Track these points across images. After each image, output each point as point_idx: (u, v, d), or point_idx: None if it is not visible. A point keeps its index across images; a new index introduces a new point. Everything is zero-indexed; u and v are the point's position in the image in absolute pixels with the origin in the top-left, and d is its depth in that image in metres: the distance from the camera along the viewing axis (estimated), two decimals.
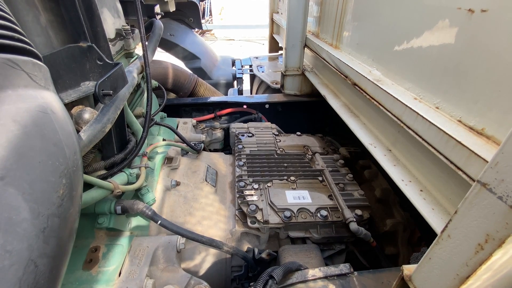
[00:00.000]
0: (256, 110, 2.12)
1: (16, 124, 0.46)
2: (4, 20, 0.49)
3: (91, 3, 0.90)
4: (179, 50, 2.66)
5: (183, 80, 2.23)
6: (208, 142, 2.00)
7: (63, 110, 0.59)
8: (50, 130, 0.51)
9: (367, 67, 1.19)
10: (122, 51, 1.34)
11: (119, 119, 1.14)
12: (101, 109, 0.88)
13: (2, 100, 0.45)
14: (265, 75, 2.67)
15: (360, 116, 1.32)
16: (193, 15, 3.13)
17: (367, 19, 1.21)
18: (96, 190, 0.90)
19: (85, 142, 0.82)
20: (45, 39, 0.84)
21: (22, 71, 0.49)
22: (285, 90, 2.11)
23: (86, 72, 0.91)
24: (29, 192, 0.44)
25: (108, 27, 1.21)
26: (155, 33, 1.49)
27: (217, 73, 2.89)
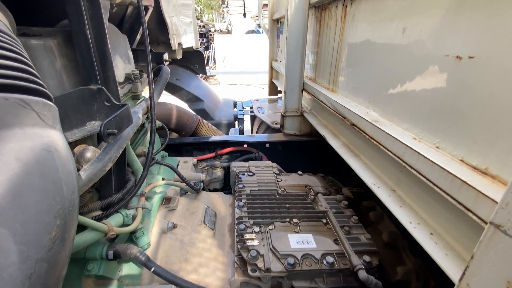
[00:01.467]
0: (257, 149, 2.14)
1: (18, 162, 0.45)
2: (21, 64, 0.53)
3: (105, 50, 0.98)
4: (184, 93, 2.80)
5: (186, 120, 2.30)
6: (208, 181, 1.97)
7: (66, 148, 0.59)
8: (51, 168, 0.51)
9: (364, 109, 1.23)
10: (130, 93, 1.40)
11: (120, 158, 1.14)
12: (104, 148, 0.89)
13: (8, 138, 0.45)
14: (265, 116, 2.76)
15: (361, 156, 1.32)
16: (198, 62, 3.37)
17: (360, 65, 1.30)
18: (89, 232, 0.86)
19: (84, 181, 0.81)
20: (58, 82, 0.89)
21: (32, 111, 0.51)
22: (285, 130, 2.16)
23: (93, 113, 0.94)
24: (21, 234, 0.42)
25: (119, 72, 1.29)
26: (162, 78, 1.58)
27: (219, 114, 3.00)
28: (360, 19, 1.30)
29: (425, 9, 0.83)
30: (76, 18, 0.82)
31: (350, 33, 1.40)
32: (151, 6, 1.50)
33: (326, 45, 1.73)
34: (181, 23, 2.33)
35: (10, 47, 0.52)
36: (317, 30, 1.88)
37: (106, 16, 1.00)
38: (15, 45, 0.54)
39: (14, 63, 0.50)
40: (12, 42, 0.53)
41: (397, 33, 0.98)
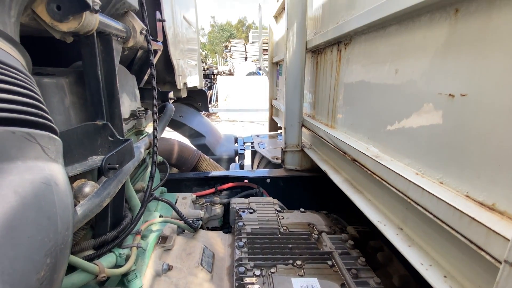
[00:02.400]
0: (258, 184, 2.10)
1: (16, 195, 0.45)
2: (32, 99, 0.55)
3: (113, 89, 1.03)
4: (186, 129, 2.87)
5: (187, 155, 2.31)
6: (207, 219, 1.90)
7: (66, 182, 0.58)
8: (48, 202, 0.50)
9: (364, 144, 1.25)
10: (134, 129, 1.43)
11: (119, 193, 1.12)
12: (103, 182, 0.88)
13: (10, 171, 0.45)
14: (265, 151, 2.78)
15: (364, 192, 1.30)
16: (201, 100, 3.51)
17: (357, 103, 1.35)
18: (78, 274, 0.80)
19: (79, 217, 0.78)
20: (65, 117, 0.92)
21: (37, 144, 0.52)
22: (286, 165, 2.16)
23: (96, 147, 0.95)
24: (8, 272, 0.39)
25: (125, 108, 1.34)
26: (166, 115, 1.63)
27: (220, 149, 3.03)
28: (354, 62, 1.39)
29: (414, 53, 0.89)
30: (89, 60, 0.88)
31: (346, 74, 1.48)
32: (160, 50, 1.62)
33: (323, 85, 1.82)
34: (187, 65, 2.49)
35: (23, 84, 0.54)
36: (314, 71, 1.99)
37: (117, 58, 1.08)
38: (28, 82, 0.57)
39: (25, 99, 0.53)
40: (25, 79, 0.56)
41: (390, 73, 1.04)
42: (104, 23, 0.91)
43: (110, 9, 1.05)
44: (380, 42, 1.11)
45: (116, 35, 1.03)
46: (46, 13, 0.72)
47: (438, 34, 0.76)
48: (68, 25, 0.74)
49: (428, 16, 0.80)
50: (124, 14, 1.13)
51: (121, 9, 1.10)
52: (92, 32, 0.84)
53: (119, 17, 1.12)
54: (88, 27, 0.79)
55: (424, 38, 0.83)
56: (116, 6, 1.06)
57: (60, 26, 0.74)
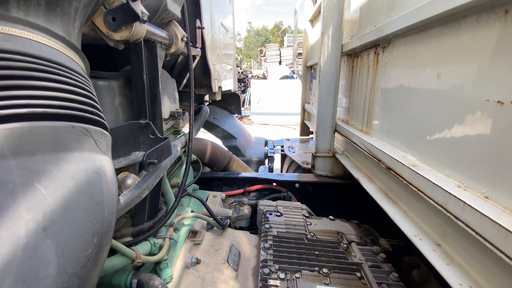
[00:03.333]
0: (286, 188, 2.10)
1: (73, 181, 0.52)
2: (89, 99, 0.63)
3: (156, 92, 1.12)
4: (219, 131, 2.98)
5: (219, 156, 2.40)
6: (235, 218, 1.95)
7: (113, 173, 0.66)
8: (97, 190, 0.57)
9: (400, 152, 1.18)
10: (172, 128, 1.54)
11: (156, 187, 1.21)
12: (143, 176, 0.97)
13: (69, 160, 0.53)
14: (295, 155, 2.75)
15: (399, 203, 1.22)
16: (234, 103, 3.62)
17: (395, 109, 1.28)
18: (118, 257, 0.89)
19: (122, 206, 0.87)
20: (114, 116, 1.03)
21: (91, 138, 0.60)
22: (316, 170, 2.12)
23: (139, 144, 1.04)
24: (63, 247, 0.46)
25: (165, 109, 1.45)
26: (201, 116, 1.72)
27: (250, 152, 3.08)
28: (392, 65, 1.32)
29: (459, 56, 0.83)
30: (136, 65, 0.98)
31: (383, 78, 1.42)
32: (198, 55, 1.72)
33: (358, 89, 1.76)
34: (222, 69, 2.59)
35: (83, 86, 0.63)
36: (349, 75, 1.94)
37: (160, 63, 1.18)
38: (87, 84, 0.66)
39: (84, 99, 0.61)
40: (85, 82, 0.65)
41: (431, 78, 0.97)
42: (150, 32, 1.01)
43: (156, 19, 1.15)
44: (422, 44, 1.05)
45: (160, 42, 1.13)
46: (103, 24, 0.82)
47: (486, 36, 0.70)
48: (120, 34, 0.84)
49: (475, 17, 0.74)
50: (168, 23, 1.24)
51: (165, 19, 1.20)
52: (140, 40, 0.93)
53: (163, 25, 1.23)
54: (137, 36, 0.89)
55: (471, 40, 0.77)
56: (162, 16, 1.16)
57: (114, 35, 0.84)
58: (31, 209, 0.45)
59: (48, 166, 0.50)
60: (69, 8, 0.68)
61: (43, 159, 0.50)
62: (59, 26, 0.67)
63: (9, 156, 0.46)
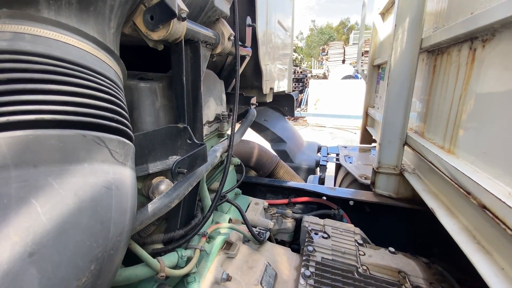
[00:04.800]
0: (337, 205, 1.85)
1: (76, 197, 0.47)
2: (108, 103, 0.58)
3: (198, 94, 1.06)
4: (268, 133, 2.87)
5: (266, 160, 2.29)
6: (276, 230, 1.80)
7: (131, 186, 0.60)
8: (104, 207, 0.51)
9: (504, 187, 0.84)
10: (216, 131, 1.49)
11: (192, 193, 1.16)
12: (174, 184, 0.91)
13: (75, 173, 0.48)
14: (352, 167, 2.44)
15: (494, 254, 0.88)
16: (288, 105, 3.45)
17: (498, 125, 0.94)
18: (142, 267, 0.85)
19: (149, 215, 0.82)
20: (154, 118, 1.00)
21: (106, 148, 0.54)
22: (377, 188, 1.80)
23: (176, 148, 0.99)
24: (49, 277, 0.40)
25: (210, 112, 1.40)
26: (247, 120, 1.63)
27: (300, 158, 2.88)
28: (496, 64, 0.97)
29: None
30: (176, 66, 0.93)
31: (481, 82, 1.06)
32: (249, 55, 1.63)
33: (441, 94, 1.40)
34: (276, 70, 2.46)
35: (106, 90, 0.58)
36: (430, 76, 1.56)
37: (204, 64, 1.11)
38: (113, 88, 0.61)
39: (102, 104, 0.56)
40: (110, 85, 0.61)
41: None
42: (193, 31, 0.94)
43: (203, 17, 1.09)
44: None
45: (205, 42, 1.06)
46: (142, 23, 0.78)
47: None
48: (158, 33, 0.79)
49: None
50: (215, 21, 1.17)
51: (212, 17, 1.13)
52: (180, 39, 0.87)
53: (210, 24, 1.16)
54: (176, 35, 0.82)
55: None
56: (208, 14, 1.10)
57: (152, 35, 0.79)
58: (20, 230, 0.40)
59: (50, 180, 0.45)
60: (103, 7, 0.64)
61: (46, 171, 0.45)
62: (93, 26, 0.64)
63: (10, 167, 0.42)
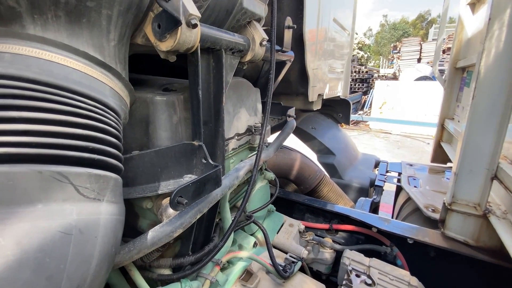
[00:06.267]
0: (391, 242, 1.51)
1: (17, 247, 0.39)
2: (89, 130, 0.50)
3: (219, 108, 0.95)
4: (315, 143, 2.60)
5: (307, 174, 2.06)
6: (311, 259, 1.58)
7: (103, 225, 0.51)
8: (55, 258, 0.43)
9: None
10: (247, 144, 1.36)
11: (209, 215, 1.07)
12: (180, 212, 0.82)
13: (23, 216, 0.41)
14: (417, 193, 1.99)
15: None
16: (342, 111, 3.10)
17: None
18: None
19: (147, 244, 0.75)
20: (171, 133, 0.93)
21: (70, 184, 0.46)
22: (447, 230, 1.40)
23: (191, 167, 0.90)
24: None
25: (241, 123, 1.29)
26: (284, 132, 1.46)
27: (351, 174, 2.52)
28: None
29: None
30: (192, 79, 0.83)
31: None
32: (290, 61, 1.44)
33: None
34: (328, 73, 2.20)
35: (78, 111, 0.50)
36: None
37: (230, 74, 0.99)
38: (92, 109, 0.54)
39: (69, 130, 0.48)
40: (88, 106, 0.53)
41: None
42: (213, 37, 0.83)
43: (231, 21, 0.97)
44: None
45: (230, 49, 0.94)
46: (151, 33, 0.70)
47: None
48: (166, 44, 0.70)
49: None
50: (246, 24, 1.03)
51: (243, 20, 1.00)
52: (194, 49, 0.77)
53: (240, 28, 1.04)
54: (187, 44, 0.72)
55: None
56: (237, 17, 0.97)
57: (160, 45, 0.71)
58: None
59: None
60: (98, 18, 0.58)
61: None
62: (87, 40, 0.58)
63: None
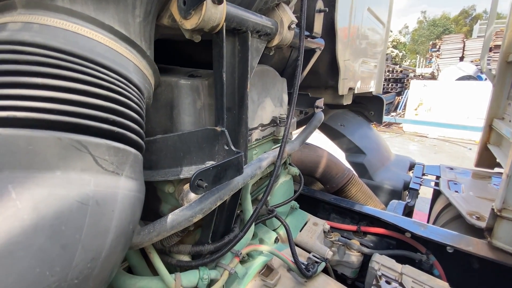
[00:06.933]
0: (427, 249, 1.37)
1: (34, 212, 0.39)
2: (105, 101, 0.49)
3: (244, 94, 0.92)
4: (344, 141, 2.47)
5: (335, 173, 1.95)
6: (335, 262, 1.49)
7: (120, 201, 0.50)
8: (71, 227, 0.42)
9: None
10: (271, 136, 1.32)
11: (230, 206, 1.04)
12: (200, 196, 0.79)
13: (42, 182, 0.40)
14: (459, 198, 1.79)
15: None
16: (375, 109, 2.91)
17: None
18: (157, 282, 0.77)
19: (167, 227, 0.74)
20: (194, 119, 0.91)
21: (88, 154, 0.45)
22: (495, 239, 1.22)
23: (214, 153, 0.88)
24: None
25: (265, 114, 1.24)
26: (311, 125, 1.39)
27: (382, 175, 2.35)
28: None
29: None
30: (217, 61, 0.80)
31: None
32: (320, 49, 1.37)
33: None
34: (361, 67, 2.07)
35: (101, 83, 0.50)
36: None
37: (256, 59, 0.95)
38: (115, 82, 0.53)
39: (91, 100, 0.47)
40: (111, 79, 0.52)
41: None
42: (238, 17, 0.79)
43: (258, 3, 0.93)
44: None
45: (257, 31, 0.90)
46: (177, 11, 0.69)
47: None
48: (190, 21, 0.68)
49: None
50: (275, 7, 0.99)
51: (271, 2, 0.96)
52: (220, 28, 0.74)
53: (268, 11, 0.99)
54: (212, 22, 0.69)
55: None
56: None
57: (185, 23, 0.69)
58: None
59: (10, 188, 0.39)
60: None
61: (8, 177, 0.39)
62: (113, 15, 0.57)
63: None
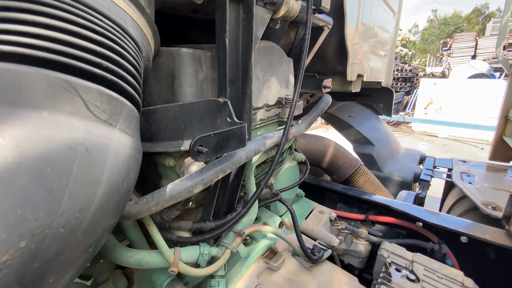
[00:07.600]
0: (439, 239, 1.30)
1: (17, 150, 0.36)
2: (100, 46, 0.46)
3: (248, 65, 0.88)
4: (352, 132, 2.40)
5: (342, 163, 1.90)
6: (342, 250, 1.43)
7: (113, 153, 0.47)
8: (57, 170, 0.39)
9: None
10: (276, 118, 1.27)
11: (233, 185, 1.00)
12: (204, 167, 0.76)
13: (27, 120, 0.38)
14: (473, 189, 1.72)
15: None
16: (384, 101, 2.83)
17: None
18: (156, 255, 0.74)
19: (166, 197, 0.70)
20: (196, 90, 0.88)
21: (78, 97, 0.42)
22: None
23: (216, 126, 0.85)
24: None
25: (271, 94, 1.20)
26: (318, 107, 1.34)
27: (391, 167, 2.27)
28: None
29: None
30: (220, 26, 0.77)
31: None
32: (328, 27, 1.32)
33: None
34: (370, 53, 2.01)
35: (97, 29, 0.47)
36: None
37: (261, 30, 0.92)
38: (113, 31, 0.50)
39: (84, 43, 0.44)
40: (109, 27, 0.49)
41: None
42: None
43: None
44: None
45: None
46: None
47: None
48: None
49: None
50: None
51: None
52: None
53: None
54: None
55: None
56: None
57: None
58: None
59: None
60: None
61: None
62: None
63: None
